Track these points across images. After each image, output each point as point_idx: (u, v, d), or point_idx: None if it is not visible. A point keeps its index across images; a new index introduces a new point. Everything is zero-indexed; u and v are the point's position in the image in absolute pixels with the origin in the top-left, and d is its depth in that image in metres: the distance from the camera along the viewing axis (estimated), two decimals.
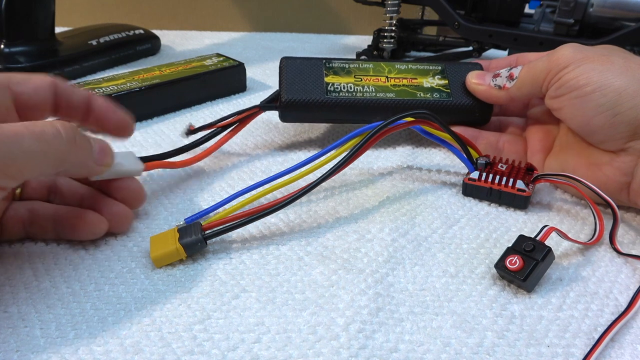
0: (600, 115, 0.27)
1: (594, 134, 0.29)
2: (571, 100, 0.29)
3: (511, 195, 0.30)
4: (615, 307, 0.24)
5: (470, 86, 0.36)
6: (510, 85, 0.33)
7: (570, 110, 0.29)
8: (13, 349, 0.22)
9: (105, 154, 0.26)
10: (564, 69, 0.29)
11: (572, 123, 0.30)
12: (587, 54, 0.29)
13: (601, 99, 0.27)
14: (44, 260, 0.27)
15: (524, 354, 0.22)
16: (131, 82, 0.42)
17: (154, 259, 0.26)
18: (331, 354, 0.22)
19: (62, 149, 0.23)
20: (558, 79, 0.29)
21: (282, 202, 0.27)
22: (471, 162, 0.31)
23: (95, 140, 0.26)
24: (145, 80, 0.42)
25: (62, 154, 0.23)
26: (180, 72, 0.44)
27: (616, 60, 0.28)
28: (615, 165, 0.28)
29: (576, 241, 0.27)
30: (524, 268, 0.24)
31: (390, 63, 0.38)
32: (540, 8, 0.50)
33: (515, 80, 0.32)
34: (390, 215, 0.30)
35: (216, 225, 0.27)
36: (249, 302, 0.24)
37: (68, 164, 0.23)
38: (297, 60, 0.37)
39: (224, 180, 0.34)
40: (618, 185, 0.28)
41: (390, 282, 0.26)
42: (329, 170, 0.28)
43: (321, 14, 0.72)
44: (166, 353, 0.22)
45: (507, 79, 0.33)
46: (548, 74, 0.30)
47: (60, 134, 0.22)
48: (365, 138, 0.29)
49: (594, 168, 0.29)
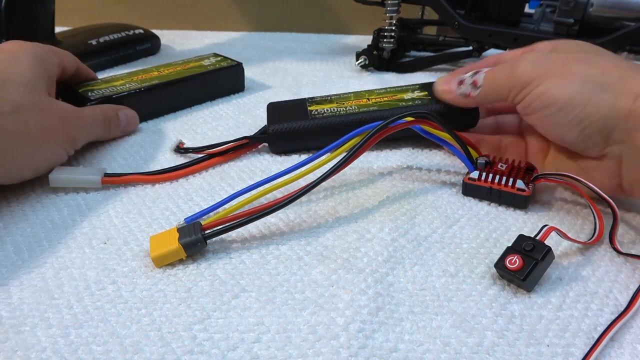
0: (571, 130, 0.28)
1: (573, 145, 0.29)
2: (541, 119, 0.29)
3: (511, 194, 0.30)
4: (615, 306, 0.24)
5: (438, 95, 0.35)
6: (475, 94, 0.32)
7: (543, 127, 0.30)
8: (14, 348, 0.22)
9: (129, 124, 0.39)
10: (525, 87, 0.29)
11: (550, 137, 0.30)
12: (547, 67, 0.29)
13: (568, 116, 0.27)
14: (45, 260, 0.27)
15: (523, 354, 0.22)
16: (130, 83, 0.42)
17: (153, 259, 0.26)
18: (331, 353, 0.22)
19: (105, 132, 0.37)
20: (522, 99, 0.29)
21: (281, 202, 0.27)
22: (471, 162, 0.31)
23: (125, 113, 0.39)
24: (144, 81, 0.42)
25: (105, 134, 0.37)
26: (179, 73, 0.44)
27: (576, 69, 0.28)
28: (602, 171, 0.28)
29: (576, 241, 0.27)
30: (523, 268, 0.24)
31: (370, 90, 0.40)
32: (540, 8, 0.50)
33: (479, 90, 0.32)
34: (390, 215, 0.30)
35: (216, 225, 0.27)
36: (249, 302, 0.24)
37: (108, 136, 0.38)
38: (282, 102, 0.41)
39: (224, 180, 0.34)
40: (610, 186, 0.29)
41: (390, 281, 0.26)
42: (329, 170, 0.28)
43: (321, 14, 0.72)
44: (166, 353, 0.22)
45: (471, 86, 0.32)
46: (511, 91, 0.30)
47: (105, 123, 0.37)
48: (365, 138, 0.29)
49: (584, 173, 0.29)
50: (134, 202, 0.32)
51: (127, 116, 0.39)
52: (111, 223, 0.30)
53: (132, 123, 0.39)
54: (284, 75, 0.54)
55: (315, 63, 0.58)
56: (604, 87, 0.27)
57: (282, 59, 0.60)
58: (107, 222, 0.30)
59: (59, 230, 0.29)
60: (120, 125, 0.38)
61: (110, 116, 0.37)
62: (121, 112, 0.39)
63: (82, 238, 0.28)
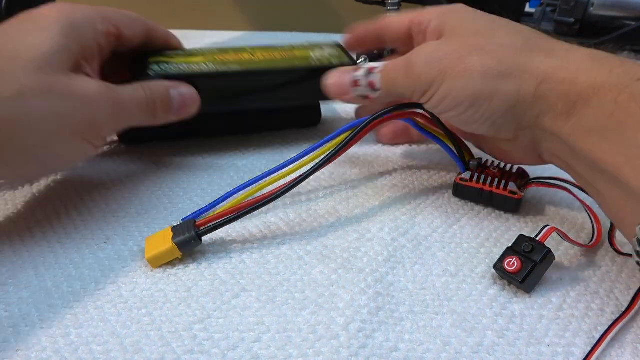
0: (483, 125, 0.27)
1: (487, 134, 0.28)
2: (451, 119, 0.28)
3: (502, 197, 0.30)
4: (616, 306, 0.24)
5: (330, 93, 0.31)
6: (376, 96, 0.30)
7: (455, 123, 0.29)
8: (14, 348, 0.22)
9: (185, 106, 0.31)
10: (427, 90, 0.27)
11: (463, 130, 0.29)
12: (443, 64, 0.26)
13: (476, 114, 0.26)
14: (45, 259, 0.27)
15: (524, 354, 0.22)
16: (208, 63, 0.33)
17: (148, 260, 0.26)
18: (331, 353, 0.22)
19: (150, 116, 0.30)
20: (427, 100, 0.28)
21: (274, 194, 0.27)
22: (463, 163, 0.31)
23: (180, 92, 0.31)
24: (227, 63, 0.33)
25: (148, 120, 0.30)
26: (275, 62, 0.34)
27: (472, 62, 0.26)
28: (520, 149, 0.28)
29: (576, 243, 0.27)
30: (521, 270, 0.24)
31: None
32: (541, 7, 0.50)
33: (378, 92, 0.29)
34: (390, 214, 0.30)
35: (209, 222, 0.27)
36: (249, 302, 0.24)
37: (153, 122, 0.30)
38: None
39: (224, 180, 0.34)
40: (533, 160, 0.29)
41: (390, 281, 0.26)
42: (320, 160, 0.28)
43: (321, 13, 0.72)
44: (166, 352, 0.22)
45: (368, 88, 0.30)
46: (413, 94, 0.28)
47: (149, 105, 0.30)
48: (357, 130, 0.28)
49: (503, 153, 0.30)
50: (134, 202, 0.32)
51: (182, 96, 0.31)
52: (111, 223, 0.30)
53: (188, 105, 0.31)
54: None
55: None
56: (505, 77, 0.25)
57: None
58: (107, 223, 0.30)
59: (58, 231, 0.29)
60: (173, 108, 0.31)
61: (158, 96, 0.30)
62: (175, 90, 0.31)
63: (81, 238, 0.28)
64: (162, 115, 0.30)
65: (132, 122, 0.30)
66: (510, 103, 0.26)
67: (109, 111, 0.27)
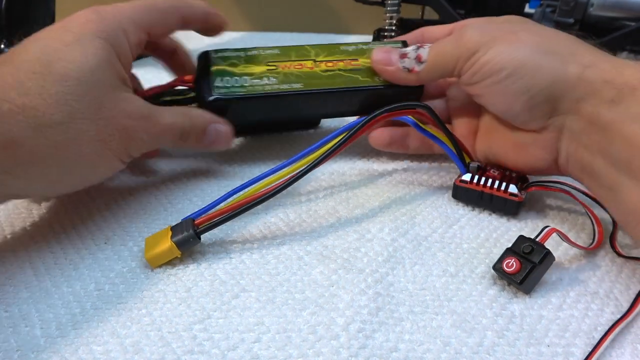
0: (519, 98, 0.27)
1: (517, 117, 0.28)
2: (488, 87, 0.28)
3: (503, 199, 0.29)
4: (616, 307, 0.24)
5: (376, 67, 0.32)
6: (420, 69, 0.30)
7: (490, 97, 0.29)
8: (14, 348, 0.22)
9: (216, 142, 0.31)
10: (474, 54, 0.28)
11: (494, 109, 0.29)
12: (494, 34, 0.28)
13: (518, 82, 0.26)
14: (44, 259, 0.27)
15: (524, 354, 0.22)
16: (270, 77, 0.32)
17: (148, 259, 0.26)
18: (331, 353, 0.22)
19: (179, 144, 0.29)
20: (471, 66, 0.28)
21: (271, 191, 0.27)
22: (463, 164, 0.31)
23: (218, 129, 0.30)
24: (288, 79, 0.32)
25: (176, 145, 0.30)
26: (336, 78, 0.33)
27: (524, 37, 0.27)
28: (540, 145, 0.28)
29: (577, 245, 0.27)
30: (520, 271, 0.24)
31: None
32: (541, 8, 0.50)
33: (424, 64, 0.30)
34: (390, 214, 0.30)
35: (208, 220, 0.27)
36: (249, 302, 0.24)
37: (180, 147, 0.30)
38: None
39: (224, 180, 0.34)
40: (546, 163, 0.28)
41: (390, 281, 0.26)
42: (320, 157, 0.28)
43: (321, 13, 0.72)
44: (166, 353, 0.22)
45: (415, 61, 0.30)
46: (458, 60, 0.29)
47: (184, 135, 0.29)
48: (358, 126, 0.28)
49: (520, 149, 0.29)
50: (133, 202, 0.32)
51: (218, 132, 0.31)
52: (110, 223, 0.30)
53: (220, 142, 0.31)
54: None
55: None
56: (553, 55, 0.26)
57: None
58: (106, 223, 0.30)
59: (57, 231, 0.29)
60: (205, 141, 0.30)
61: (196, 128, 0.30)
62: (213, 126, 0.30)
63: (80, 239, 0.28)
64: (191, 143, 0.30)
65: (163, 145, 0.30)
66: (553, 78, 0.26)
67: (149, 135, 0.27)
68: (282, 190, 0.27)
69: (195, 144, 0.30)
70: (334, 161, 0.35)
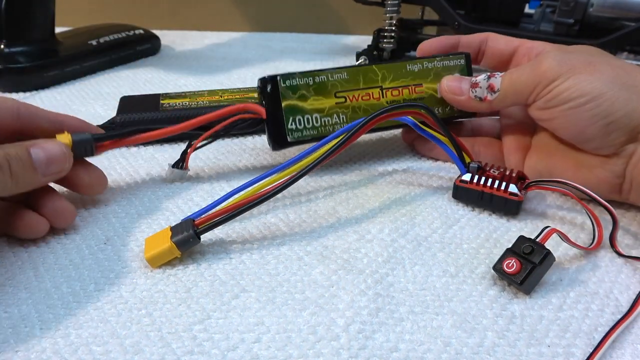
0: (594, 125, 0.28)
1: (588, 142, 0.29)
2: (564, 112, 0.28)
3: (503, 199, 0.29)
4: (616, 307, 0.24)
5: (446, 97, 0.33)
6: (492, 98, 0.31)
7: (562, 121, 0.29)
8: (13, 349, 0.22)
9: (50, 164, 0.26)
10: (553, 82, 0.28)
11: (565, 133, 0.30)
12: (573, 63, 0.29)
13: (595, 110, 0.27)
14: (44, 260, 0.27)
15: (524, 354, 0.22)
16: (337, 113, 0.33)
17: (148, 260, 0.26)
18: (331, 354, 0.22)
19: (6, 180, 0.24)
20: (547, 93, 0.29)
21: (271, 191, 0.27)
22: (463, 164, 0.31)
23: (44, 148, 0.26)
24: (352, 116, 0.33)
25: (7, 183, 0.24)
26: None
27: (603, 69, 0.28)
28: (607, 168, 0.29)
29: (577, 245, 0.27)
30: (520, 272, 0.24)
31: (224, 89, 0.41)
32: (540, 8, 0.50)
33: (497, 93, 0.31)
34: (390, 215, 0.30)
35: (208, 220, 0.27)
36: (249, 302, 0.24)
37: (15, 188, 0.25)
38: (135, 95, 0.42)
39: (224, 180, 0.34)
40: (610, 186, 0.29)
41: (390, 282, 0.26)
42: (318, 158, 0.28)
43: (321, 14, 0.72)
44: (166, 353, 0.22)
45: (487, 90, 0.31)
46: (535, 88, 0.29)
47: (3, 167, 0.24)
48: (358, 126, 0.28)
49: (584, 170, 0.29)
50: (134, 202, 0.31)
51: (46, 152, 0.26)
52: (110, 224, 0.30)
53: (56, 161, 0.26)
54: None
55: (315, 63, 0.58)
56: (630, 88, 0.27)
57: (282, 59, 0.60)
58: (107, 223, 0.30)
59: (57, 231, 0.29)
60: (39, 169, 0.26)
61: (14, 158, 0.24)
62: (35, 148, 0.25)
63: (81, 239, 0.28)
64: (23, 176, 0.25)
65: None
66: (630, 108, 0.27)
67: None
68: (282, 190, 0.27)
69: (27, 177, 0.25)
70: (333, 161, 0.35)
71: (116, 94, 0.48)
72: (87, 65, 0.53)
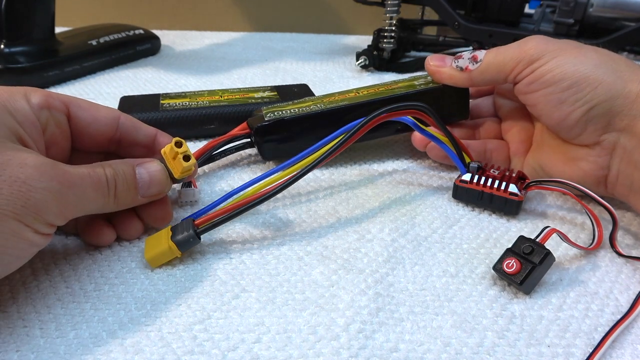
0: (577, 109, 0.27)
1: (571, 129, 0.28)
2: (547, 96, 0.28)
3: (503, 199, 0.30)
4: (616, 307, 0.24)
5: (429, 69, 0.34)
6: (473, 68, 0.31)
7: (545, 106, 0.29)
8: (13, 349, 0.22)
9: (151, 185, 0.26)
10: (537, 60, 0.28)
11: (548, 119, 0.29)
12: (560, 45, 0.28)
13: (578, 94, 0.27)
14: (43, 260, 0.27)
15: (524, 354, 0.22)
16: (314, 105, 0.35)
17: (148, 260, 0.26)
18: (331, 354, 0.22)
19: (110, 199, 0.25)
20: (531, 72, 0.28)
21: (271, 191, 0.27)
22: (463, 164, 0.31)
23: (147, 169, 0.26)
24: (329, 104, 0.35)
25: (110, 202, 0.25)
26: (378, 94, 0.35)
27: (589, 54, 0.28)
28: (591, 160, 0.28)
29: (577, 245, 0.27)
30: (520, 272, 0.24)
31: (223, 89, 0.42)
32: (540, 8, 0.50)
33: (479, 63, 0.31)
34: (390, 215, 0.30)
35: (208, 220, 0.27)
36: (249, 302, 0.24)
37: (115, 206, 0.25)
38: (136, 95, 0.42)
39: (225, 180, 0.34)
40: (595, 179, 0.29)
41: (390, 282, 0.26)
42: (318, 158, 0.28)
43: (321, 14, 0.72)
44: (166, 353, 0.22)
45: (469, 60, 0.31)
46: (518, 64, 0.29)
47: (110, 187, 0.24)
48: (358, 126, 0.28)
49: (571, 163, 0.29)
50: None
51: (150, 174, 0.26)
52: None
53: (157, 184, 0.26)
54: (284, 75, 0.54)
55: (315, 63, 0.58)
56: (615, 72, 0.27)
57: (282, 59, 0.60)
58: None
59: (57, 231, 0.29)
60: (140, 189, 0.26)
61: (121, 175, 0.25)
62: (141, 167, 0.26)
63: (80, 239, 0.28)
64: (125, 196, 0.25)
65: (87, 205, 0.24)
66: (613, 94, 0.26)
67: (52, 191, 0.22)
68: (282, 190, 0.27)
69: (128, 196, 0.25)
70: (333, 161, 0.35)
71: (116, 94, 0.48)
72: (87, 65, 0.53)
